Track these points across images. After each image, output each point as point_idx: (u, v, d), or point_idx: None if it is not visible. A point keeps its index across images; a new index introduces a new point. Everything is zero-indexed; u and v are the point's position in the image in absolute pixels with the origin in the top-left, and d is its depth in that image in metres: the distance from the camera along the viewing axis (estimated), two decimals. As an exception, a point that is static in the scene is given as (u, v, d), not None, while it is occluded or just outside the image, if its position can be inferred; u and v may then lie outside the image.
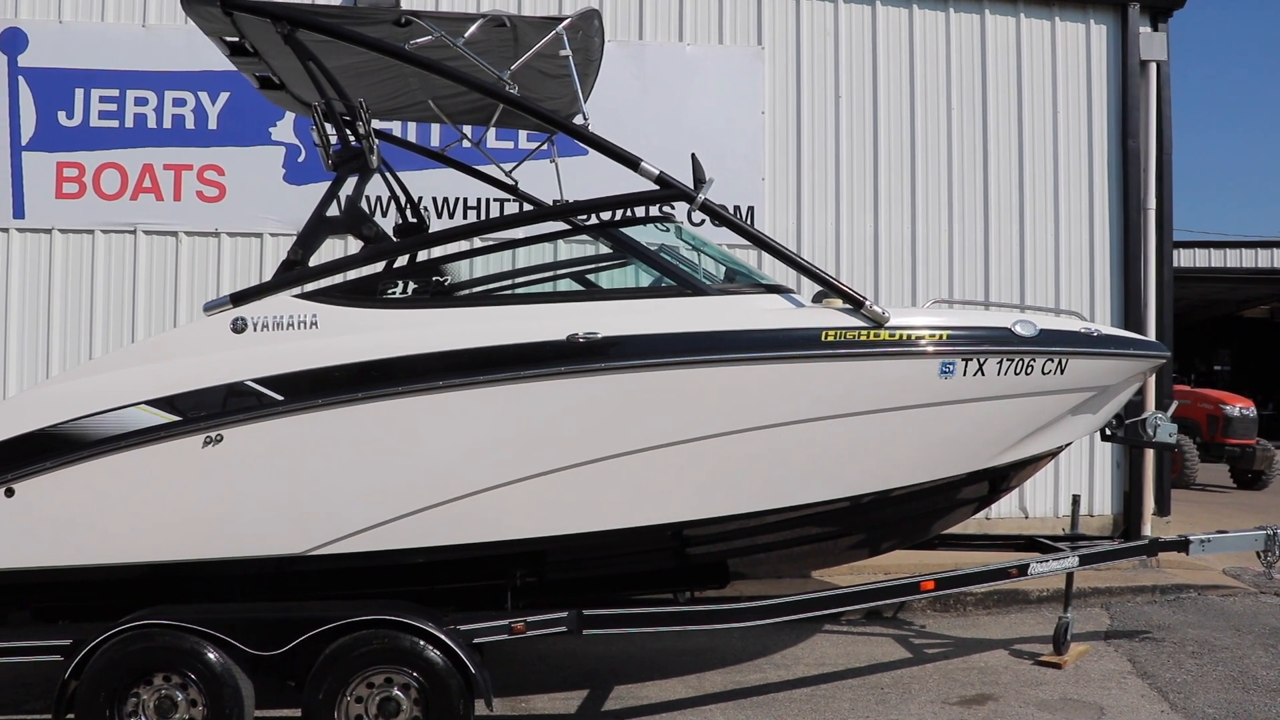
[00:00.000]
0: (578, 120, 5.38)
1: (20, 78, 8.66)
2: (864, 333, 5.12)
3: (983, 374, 5.29)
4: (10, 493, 4.73)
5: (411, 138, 8.26)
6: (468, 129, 7.03)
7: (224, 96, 8.77)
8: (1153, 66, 9.54)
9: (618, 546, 5.27)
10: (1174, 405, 7.29)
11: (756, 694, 6.00)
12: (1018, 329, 5.40)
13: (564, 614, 5.08)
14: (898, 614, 7.74)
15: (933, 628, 7.46)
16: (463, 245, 6.15)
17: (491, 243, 6.91)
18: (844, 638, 7.17)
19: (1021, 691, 5.99)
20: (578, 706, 5.83)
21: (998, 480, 6.00)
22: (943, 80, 9.45)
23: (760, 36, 9.27)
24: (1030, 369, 5.40)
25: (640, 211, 6.09)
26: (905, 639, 7.16)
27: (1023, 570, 6.08)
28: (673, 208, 5.93)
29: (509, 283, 6.46)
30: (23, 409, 4.92)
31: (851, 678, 6.29)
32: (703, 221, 8.30)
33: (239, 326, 4.94)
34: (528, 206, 6.93)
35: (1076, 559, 6.35)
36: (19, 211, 8.65)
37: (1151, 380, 8.50)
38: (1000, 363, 5.32)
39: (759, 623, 5.46)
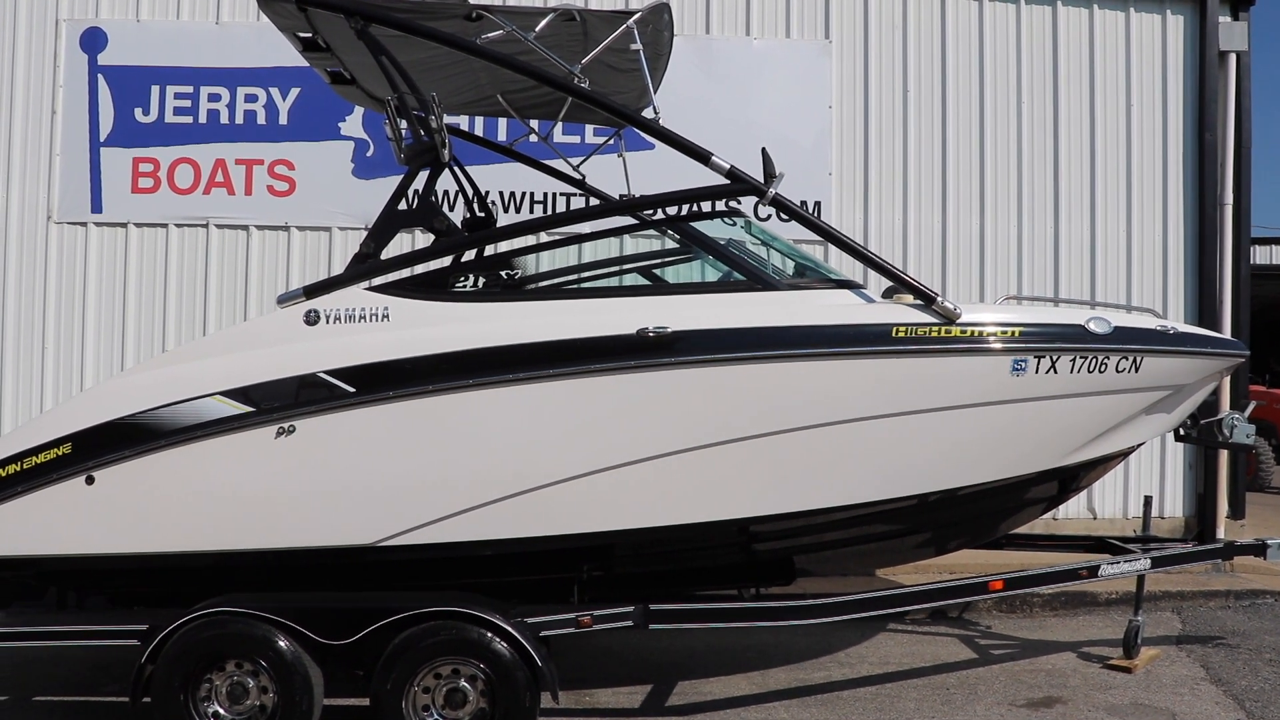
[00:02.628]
0: (647, 114, 5.37)
1: (100, 76, 8.85)
2: (935, 329, 5.07)
3: (1055, 371, 5.20)
4: (91, 480, 4.84)
5: (479, 132, 8.31)
6: (535, 123, 7.06)
7: (294, 92, 8.88)
8: (1232, 57, 9.29)
9: (685, 541, 5.27)
10: (1251, 405, 7.12)
11: (820, 692, 5.97)
12: (1091, 326, 5.30)
13: (630, 608, 5.10)
14: (963, 614, 7.65)
15: (998, 629, 7.36)
16: (529, 240, 6.18)
17: (559, 237, 6.94)
18: (908, 637, 7.10)
19: (1090, 695, 5.89)
20: (641, 701, 5.84)
21: (1068, 480, 5.90)
22: (1013, 73, 9.30)
23: (828, 30, 9.19)
24: (1104, 367, 5.30)
25: (706, 206, 6.08)
26: (970, 639, 7.07)
27: (1093, 571, 5.98)
28: (739, 202, 5.89)
29: (577, 277, 6.48)
30: (103, 399, 5.02)
31: (916, 677, 6.23)
32: (769, 216, 8.25)
33: (312, 319, 5.00)
34: (594, 201, 6.95)
35: (1148, 561, 6.22)
36: (97, 206, 8.84)
37: (1226, 380, 8.31)
38: (1073, 360, 5.23)
39: (824, 620, 5.44)
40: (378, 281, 5.17)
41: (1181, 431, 6.54)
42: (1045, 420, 5.31)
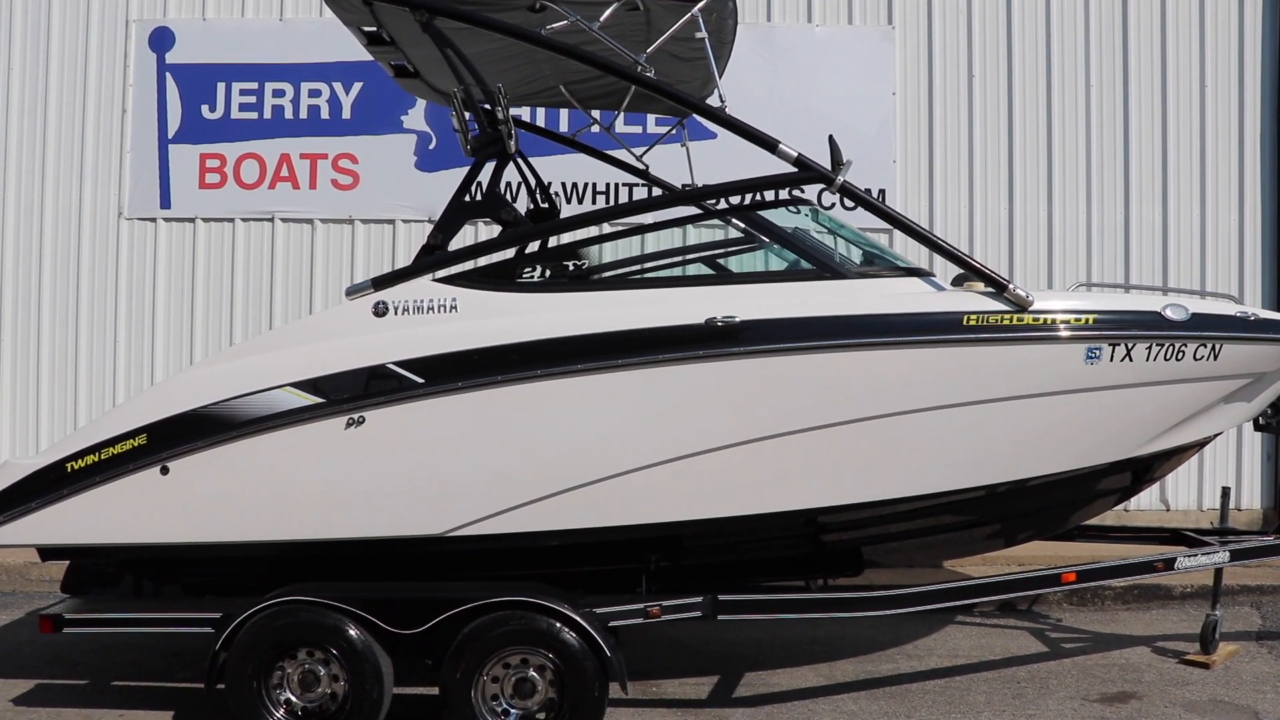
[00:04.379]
0: (712, 102, 5.33)
1: (168, 74, 9.01)
2: (1007, 317, 4.97)
3: (1130, 359, 5.08)
4: (165, 470, 4.91)
5: (540, 123, 8.32)
6: (597, 114, 7.05)
7: (357, 86, 8.97)
8: (1313, 33, 9.04)
9: (753, 532, 5.25)
10: (1335, 394, 6.93)
11: (889, 684, 5.91)
12: (1168, 313, 5.17)
13: (699, 599, 5.07)
14: (1032, 606, 7.53)
15: (1069, 622, 7.23)
16: (593, 230, 6.18)
17: (622, 227, 6.93)
18: (977, 630, 7.00)
19: (1166, 691, 5.77)
20: (709, 692, 5.83)
21: (1141, 471, 5.78)
22: (1081, 57, 9.10)
23: (891, 16, 9.08)
24: (1181, 354, 5.16)
25: (770, 195, 6.02)
26: (1041, 632, 6.96)
27: (1169, 564, 5.82)
28: (802, 190, 5.83)
29: (641, 267, 6.47)
30: (177, 390, 5.10)
31: (986, 670, 6.15)
32: (832, 205, 8.18)
33: (380, 310, 5.04)
34: (658, 191, 6.92)
35: (1227, 554, 6.06)
36: (165, 202, 9.01)
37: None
38: (1150, 348, 5.10)
39: (892, 612, 5.40)
40: (445, 273, 5.19)
41: (1261, 421, 6.37)
42: (1119, 410, 5.20)
